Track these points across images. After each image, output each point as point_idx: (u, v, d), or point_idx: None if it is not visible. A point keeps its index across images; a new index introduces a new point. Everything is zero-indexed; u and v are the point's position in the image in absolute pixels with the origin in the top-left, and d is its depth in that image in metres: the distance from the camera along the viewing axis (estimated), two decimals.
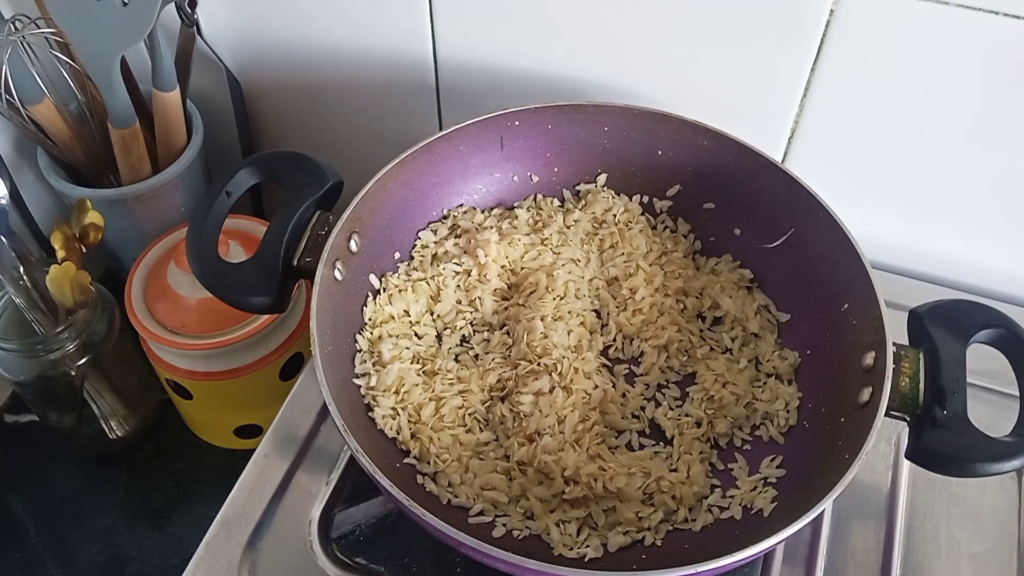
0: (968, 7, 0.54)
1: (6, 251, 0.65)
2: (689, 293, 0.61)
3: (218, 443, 0.79)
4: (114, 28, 0.63)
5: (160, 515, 0.75)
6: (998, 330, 0.50)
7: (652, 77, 0.66)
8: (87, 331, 0.70)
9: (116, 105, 0.68)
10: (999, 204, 0.64)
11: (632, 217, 0.63)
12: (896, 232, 0.69)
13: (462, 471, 0.51)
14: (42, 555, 0.72)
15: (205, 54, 0.77)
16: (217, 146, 0.84)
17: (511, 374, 0.56)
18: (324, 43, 0.74)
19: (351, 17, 0.71)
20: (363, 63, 0.74)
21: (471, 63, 0.70)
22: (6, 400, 0.81)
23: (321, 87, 0.78)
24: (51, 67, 0.70)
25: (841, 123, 0.63)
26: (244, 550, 0.53)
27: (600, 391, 0.55)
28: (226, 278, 0.53)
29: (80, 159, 0.74)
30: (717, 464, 0.53)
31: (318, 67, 0.76)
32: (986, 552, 0.55)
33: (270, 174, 0.56)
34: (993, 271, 0.69)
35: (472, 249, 0.60)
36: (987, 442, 0.46)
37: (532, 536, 0.49)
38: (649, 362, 0.58)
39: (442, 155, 0.60)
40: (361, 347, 0.55)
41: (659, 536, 0.49)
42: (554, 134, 0.62)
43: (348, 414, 0.48)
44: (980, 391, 0.60)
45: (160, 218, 0.76)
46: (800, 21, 0.58)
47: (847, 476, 0.44)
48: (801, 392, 0.55)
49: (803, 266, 0.57)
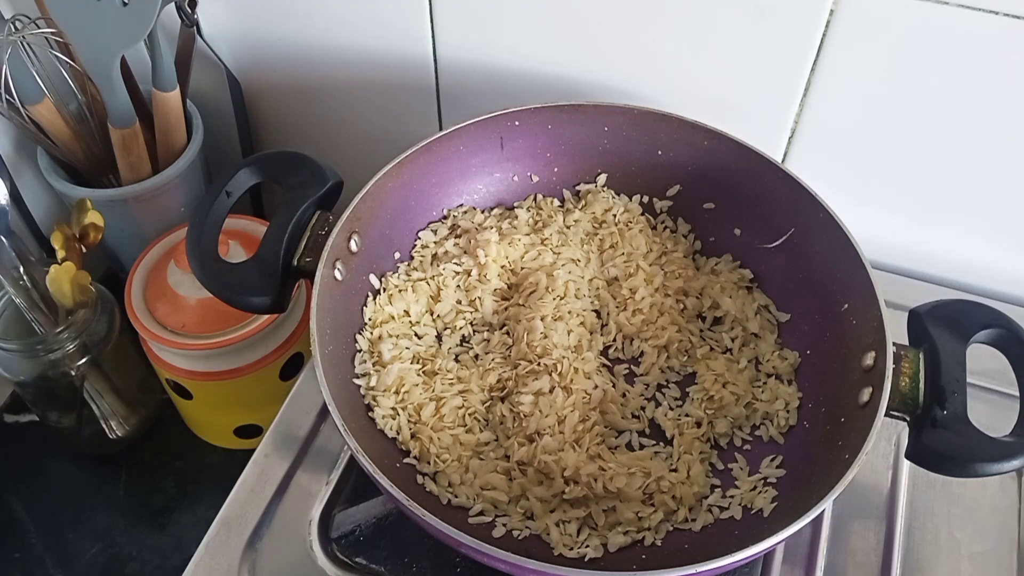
0: (968, 7, 0.54)
1: (6, 251, 0.65)
2: (689, 293, 0.61)
3: (218, 443, 0.79)
4: (114, 28, 0.63)
5: (160, 515, 0.75)
6: (998, 330, 0.50)
7: (652, 77, 0.66)
8: (87, 331, 0.70)
9: (116, 105, 0.68)
10: (999, 204, 0.64)
11: (632, 217, 0.63)
12: (896, 232, 0.69)
13: (462, 471, 0.51)
14: (42, 555, 0.72)
15: (205, 54, 0.77)
16: (217, 146, 0.84)
17: (511, 374, 0.56)
18: (324, 43, 0.74)
19: (351, 17, 0.71)
20: (363, 63, 0.74)
21: (471, 63, 0.70)
22: (6, 400, 0.81)
23: (321, 87, 0.78)
24: (51, 67, 0.70)
25: (841, 123, 0.63)
26: (244, 550, 0.53)
27: (600, 391, 0.55)
28: (226, 278, 0.53)
29: (80, 159, 0.74)
30: (717, 464, 0.53)
31: (318, 67, 0.76)
32: (986, 552, 0.55)
33: (270, 174, 0.56)
34: (993, 271, 0.69)
35: (472, 249, 0.60)
36: (987, 442, 0.46)
37: (532, 536, 0.49)
38: (649, 362, 0.58)
39: (442, 155, 0.60)
40: (361, 347, 0.55)
41: (659, 536, 0.49)
42: (554, 134, 0.62)
43: (348, 414, 0.48)
44: (980, 391, 0.60)
45: (160, 218, 0.76)
46: (800, 21, 0.58)
47: (847, 476, 0.44)
48: (801, 392, 0.55)
49: (803, 266, 0.57)
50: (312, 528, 0.55)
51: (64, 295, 0.66)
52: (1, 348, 0.67)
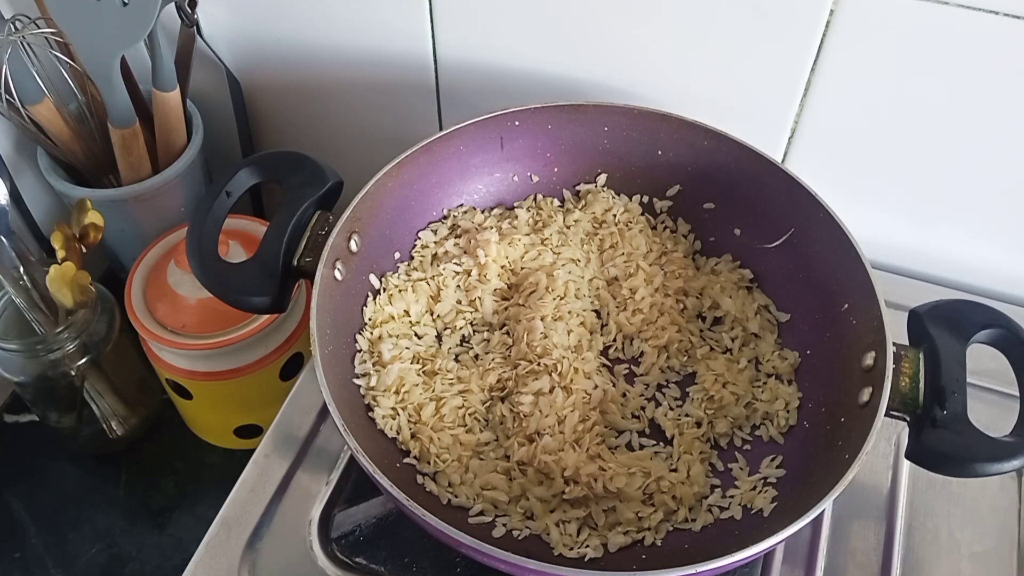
0: (968, 7, 0.54)
1: (6, 251, 0.65)
2: (689, 293, 0.61)
3: (218, 443, 0.79)
4: (114, 28, 0.63)
5: (160, 515, 0.75)
6: (998, 330, 0.50)
7: (652, 77, 0.66)
8: (87, 331, 0.70)
9: (116, 105, 0.68)
10: (999, 204, 0.64)
11: (632, 217, 0.63)
12: (896, 232, 0.69)
13: (462, 471, 0.51)
14: (42, 555, 0.72)
15: (205, 54, 0.77)
16: (217, 146, 0.84)
17: (511, 374, 0.56)
18: (324, 43, 0.74)
19: (351, 17, 0.71)
20: (363, 63, 0.74)
21: (471, 63, 0.70)
22: (6, 400, 0.81)
23: (321, 87, 0.78)
24: (51, 67, 0.70)
25: (841, 123, 0.63)
26: (244, 550, 0.53)
27: (600, 391, 0.55)
28: (226, 278, 0.53)
29: (80, 159, 0.74)
30: (717, 464, 0.53)
31: (318, 67, 0.76)
32: (986, 552, 0.55)
33: (270, 174, 0.56)
34: (993, 271, 0.69)
35: (472, 249, 0.60)
36: (987, 442, 0.46)
37: (532, 536, 0.49)
38: (649, 362, 0.58)
39: (442, 155, 0.60)
40: (361, 347, 0.55)
41: (659, 536, 0.49)
42: (554, 134, 0.62)
43: (348, 414, 0.48)
44: (980, 391, 0.60)
45: (160, 218, 0.76)
46: (800, 21, 0.58)
47: (847, 476, 0.44)
48: (801, 392, 0.55)
49: (803, 266, 0.57)
50: (312, 528, 0.55)
51: (64, 295, 0.66)
52: (1, 348, 0.67)
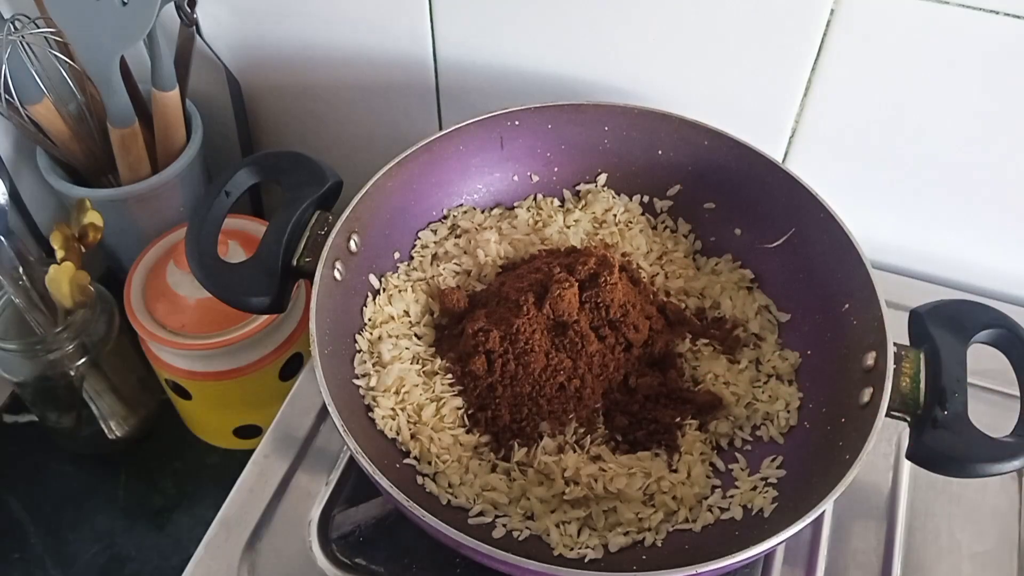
0: (968, 7, 0.54)
1: (6, 251, 0.65)
2: (690, 293, 0.61)
3: (218, 443, 0.79)
4: (113, 28, 0.63)
5: (160, 515, 0.75)
6: (999, 330, 0.50)
7: (652, 77, 0.66)
8: (86, 331, 0.69)
9: (116, 105, 0.68)
10: (999, 204, 0.64)
11: (632, 217, 0.63)
12: (896, 232, 0.69)
13: (462, 472, 0.51)
14: (42, 555, 0.72)
15: (205, 54, 0.77)
16: (217, 146, 0.84)
17: None
18: (324, 43, 0.74)
19: (351, 17, 0.71)
20: (363, 63, 0.74)
21: (471, 63, 0.70)
22: (6, 400, 0.81)
23: (321, 87, 0.78)
24: (51, 67, 0.70)
25: (841, 123, 0.63)
26: (244, 550, 0.53)
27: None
28: (225, 278, 0.53)
29: (80, 159, 0.74)
30: (718, 464, 0.53)
31: (318, 67, 0.76)
32: (986, 552, 0.55)
33: (270, 174, 0.56)
34: (993, 271, 0.69)
35: (472, 249, 0.60)
36: (987, 442, 0.46)
37: (532, 537, 0.49)
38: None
39: (442, 155, 0.60)
40: (361, 347, 0.55)
41: (660, 537, 0.49)
42: (554, 134, 0.62)
43: (348, 414, 0.48)
44: (980, 391, 0.60)
45: (160, 218, 0.76)
46: (800, 21, 0.58)
47: (848, 477, 0.44)
48: (801, 392, 0.55)
49: (803, 266, 0.57)
50: (312, 529, 0.55)
51: (63, 295, 0.66)
52: (1, 348, 0.67)
